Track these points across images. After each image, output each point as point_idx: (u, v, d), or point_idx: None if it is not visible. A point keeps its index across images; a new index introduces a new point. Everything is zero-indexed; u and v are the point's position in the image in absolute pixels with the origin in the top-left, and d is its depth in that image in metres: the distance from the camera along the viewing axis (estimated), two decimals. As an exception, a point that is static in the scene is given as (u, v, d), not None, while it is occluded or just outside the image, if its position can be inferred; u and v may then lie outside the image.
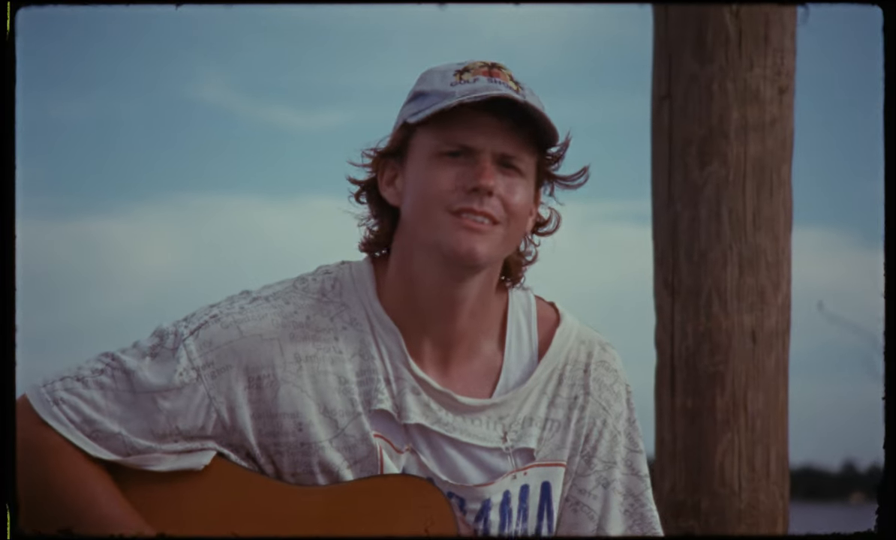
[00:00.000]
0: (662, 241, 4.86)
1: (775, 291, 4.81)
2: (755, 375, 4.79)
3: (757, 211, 4.77)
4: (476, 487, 2.84)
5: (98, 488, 2.80)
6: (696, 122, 4.77)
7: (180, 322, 2.85)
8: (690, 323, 4.79)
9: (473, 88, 2.73)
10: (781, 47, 4.78)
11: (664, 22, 4.85)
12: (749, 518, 4.75)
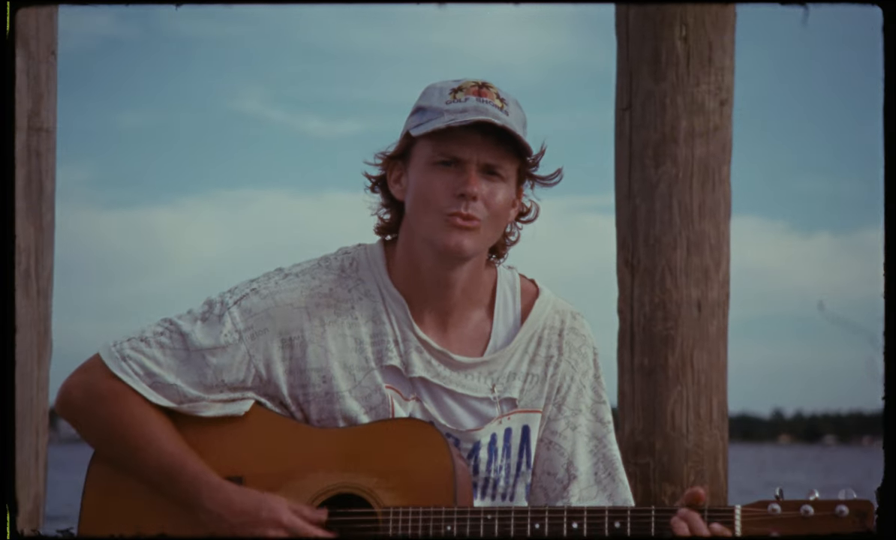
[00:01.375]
0: (623, 228, 4.85)
1: (717, 269, 4.80)
2: (700, 338, 4.78)
3: (702, 203, 4.76)
4: (469, 430, 2.83)
5: (157, 428, 2.80)
6: (652, 130, 4.76)
7: (225, 293, 2.85)
8: (647, 295, 4.78)
9: (464, 108, 2.73)
10: (723, 67, 4.77)
11: (626, 47, 4.84)
12: (695, 456, 4.74)
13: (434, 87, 2.82)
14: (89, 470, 2.85)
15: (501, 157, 2.77)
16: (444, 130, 2.73)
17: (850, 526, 2.62)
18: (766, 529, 2.63)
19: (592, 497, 2.85)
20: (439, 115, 2.75)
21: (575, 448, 2.89)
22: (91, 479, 2.84)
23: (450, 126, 2.72)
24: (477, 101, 2.75)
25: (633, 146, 4.81)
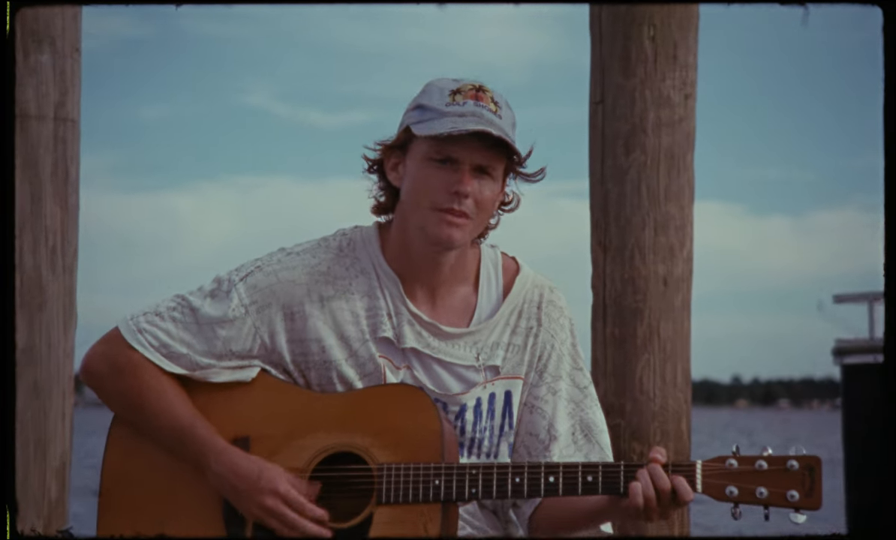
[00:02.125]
0: (596, 211, 4.85)
1: (681, 248, 4.80)
2: (666, 310, 4.78)
3: (667, 188, 4.76)
4: (456, 395, 2.83)
5: (170, 396, 2.79)
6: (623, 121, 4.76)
7: (233, 271, 2.85)
8: (618, 272, 4.78)
9: (463, 112, 2.72)
10: (686, 64, 4.77)
11: (598, 46, 4.83)
12: (661, 417, 4.75)
13: (434, 86, 2.80)
14: (110, 431, 2.85)
15: (492, 159, 2.76)
16: (447, 136, 2.71)
17: (800, 479, 2.63)
18: (723, 482, 2.64)
19: (570, 455, 2.85)
20: (440, 117, 2.73)
21: (555, 411, 2.89)
22: (112, 439, 2.84)
23: (452, 133, 2.70)
24: (475, 105, 2.74)
25: (605, 136, 4.80)
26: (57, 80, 2.18)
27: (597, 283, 4.85)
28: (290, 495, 2.70)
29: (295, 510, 2.70)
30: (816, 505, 2.62)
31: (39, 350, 2.17)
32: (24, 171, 2.16)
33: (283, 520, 2.70)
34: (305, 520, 2.70)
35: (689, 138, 4.81)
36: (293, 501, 2.70)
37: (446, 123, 2.71)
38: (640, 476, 2.63)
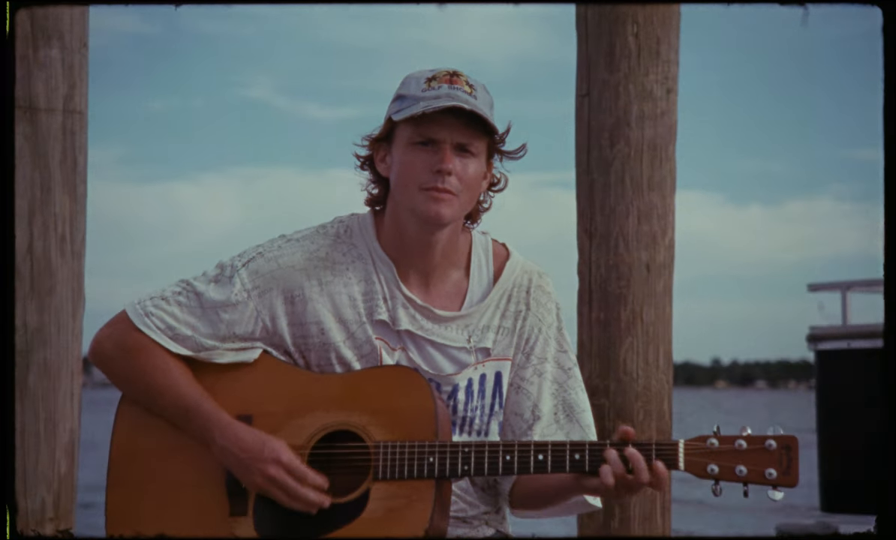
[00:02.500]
0: (583, 200, 4.85)
1: (663, 235, 4.81)
2: (648, 295, 4.78)
3: (650, 178, 4.76)
4: (448, 375, 2.83)
5: (176, 375, 2.79)
6: (608, 114, 4.76)
7: (235, 257, 2.85)
8: (603, 258, 4.78)
9: (437, 95, 2.73)
10: (669, 59, 4.77)
11: (585, 42, 4.83)
12: (644, 397, 4.75)
13: (411, 77, 2.81)
14: (118, 409, 2.85)
15: (471, 136, 2.76)
16: (421, 115, 2.73)
17: (778, 458, 2.63)
18: (705, 460, 2.64)
19: (552, 434, 2.85)
20: (416, 102, 2.74)
21: (540, 392, 2.89)
22: (120, 417, 2.84)
23: (425, 112, 2.72)
24: (449, 88, 2.75)
25: (591, 129, 4.80)
26: (65, 74, 2.17)
27: (583, 269, 4.86)
28: (293, 465, 2.70)
29: (297, 479, 2.70)
30: (793, 482, 2.62)
31: (49, 332, 2.17)
32: (34, 161, 2.16)
33: (286, 488, 2.70)
34: (307, 488, 2.70)
35: (670, 131, 4.81)
36: (295, 469, 2.70)
37: (422, 105, 2.72)
38: (608, 456, 2.63)
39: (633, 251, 4.76)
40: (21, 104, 2.14)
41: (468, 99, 2.73)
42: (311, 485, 2.71)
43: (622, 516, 4.75)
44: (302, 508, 2.70)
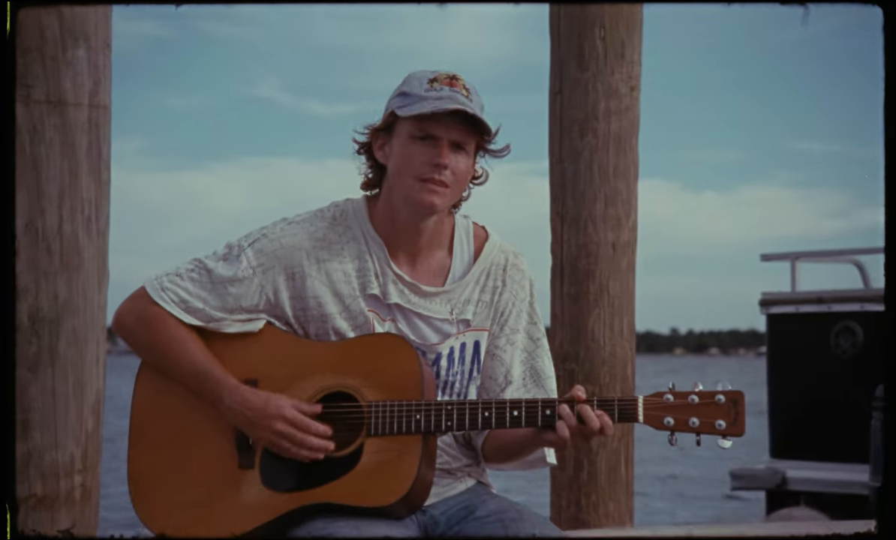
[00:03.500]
0: (555, 186, 4.85)
1: (627, 218, 4.81)
2: (614, 271, 4.79)
3: (616, 167, 4.77)
4: (433, 344, 2.82)
5: (189, 344, 2.78)
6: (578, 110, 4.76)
7: (242, 238, 2.84)
8: (573, 238, 4.79)
9: (440, 96, 2.71)
10: (632, 60, 4.77)
11: (557, 44, 4.83)
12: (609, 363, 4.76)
13: (413, 76, 2.79)
14: (138, 374, 2.84)
15: (466, 135, 2.75)
16: (428, 115, 2.71)
17: (726, 410, 2.64)
18: (661, 413, 2.65)
19: (520, 397, 2.85)
20: (420, 101, 2.72)
21: (512, 359, 2.89)
22: (140, 381, 2.83)
23: (433, 112, 2.70)
24: (450, 90, 2.73)
25: (562, 122, 4.80)
26: (91, 71, 2.16)
27: (555, 248, 4.86)
28: (297, 417, 2.70)
29: (301, 430, 2.70)
30: (740, 432, 2.63)
31: (77, 303, 2.16)
32: (63, 150, 2.15)
33: (292, 439, 2.69)
34: (311, 436, 2.70)
35: (634, 125, 4.82)
36: (299, 422, 2.70)
37: (427, 105, 2.71)
38: (561, 411, 2.63)
39: (601, 232, 4.77)
40: (51, 99, 2.13)
41: (466, 102, 2.72)
42: (314, 433, 2.71)
43: (590, 469, 4.76)
44: (308, 455, 2.70)
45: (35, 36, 2.11)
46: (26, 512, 2.08)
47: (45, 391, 2.10)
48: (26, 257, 2.11)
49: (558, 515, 4.79)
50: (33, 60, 2.11)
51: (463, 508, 2.80)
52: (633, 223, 4.84)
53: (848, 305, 7.66)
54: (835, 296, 7.79)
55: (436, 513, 2.80)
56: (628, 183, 4.81)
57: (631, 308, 4.84)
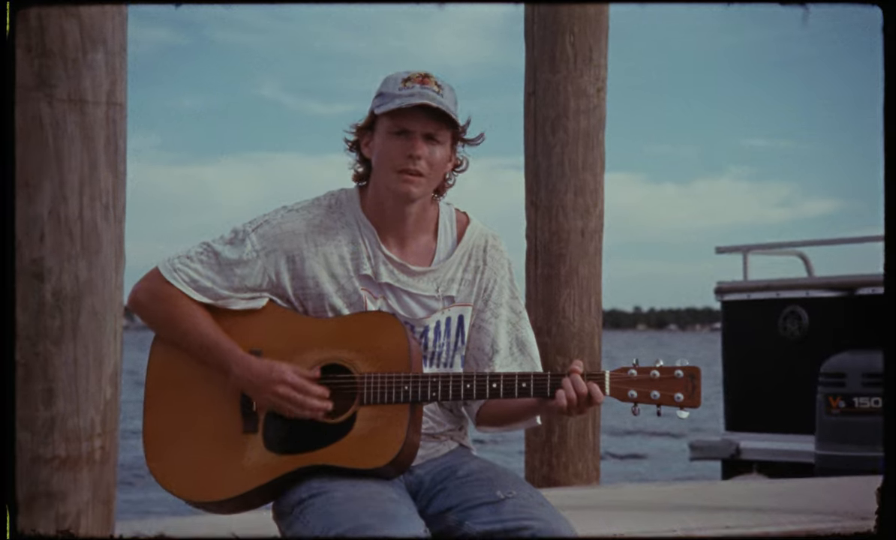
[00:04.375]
0: (530, 178, 4.86)
1: (594, 207, 4.83)
2: (583, 255, 4.80)
3: (584, 161, 4.78)
4: (420, 319, 2.83)
5: (199, 319, 2.78)
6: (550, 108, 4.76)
7: (247, 223, 2.83)
8: (546, 225, 4.80)
9: (411, 93, 2.71)
10: (599, 64, 4.78)
11: (532, 49, 4.83)
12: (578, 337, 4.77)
13: (390, 78, 2.80)
14: (152, 348, 2.83)
15: (437, 128, 2.75)
16: (397, 110, 2.72)
17: (684, 384, 2.65)
18: (626, 387, 2.66)
19: (508, 365, 2.85)
20: (393, 99, 2.73)
21: (497, 330, 2.89)
22: (153, 354, 2.82)
23: (400, 107, 2.71)
24: (421, 88, 2.73)
25: (536, 120, 4.81)
26: (108, 72, 2.16)
27: (530, 234, 4.88)
28: (297, 381, 2.70)
29: (301, 392, 2.70)
30: (697, 404, 2.64)
31: (96, 283, 2.15)
32: (84, 144, 2.14)
33: (293, 401, 2.70)
34: (310, 397, 2.70)
35: (601, 122, 4.83)
36: (299, 384, 2.70)
37: (397, 101, 2.71)
38: (564, 384, 2.64)
39: (571, 220, 4.78)
40: (72, 98, 2.13)
41: (435, 97, 2.72)
42: (313, 395, 2.71)
43: (560, 433, 4.78)
44: (308, 414, 2.70)
45: (58, 41, 2.10)
46: (51, 472, 2.08)
47: (67, 363, 2.09)
48: (50, 241, 2.11)
49: (532, 473, 4.81)
50: (56, 63, 2.10)
51: (446, 468, 2.81)
52: (600, 212, 4.85)
53: (794, 292, 7.70)
54: (782, 284, 7.84)
55: (421, 473, 2.81)
56: (595, 175, 4.82)
57: (598, 288, 4.86)
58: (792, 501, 3.83)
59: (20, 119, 2.08)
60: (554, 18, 4.76)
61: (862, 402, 6.41)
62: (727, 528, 3.03)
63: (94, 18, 2.12)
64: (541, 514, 2.59)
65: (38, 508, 2.08)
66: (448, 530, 2.67)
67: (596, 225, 4.83)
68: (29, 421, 2.08)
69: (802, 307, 7.61)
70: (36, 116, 2.09)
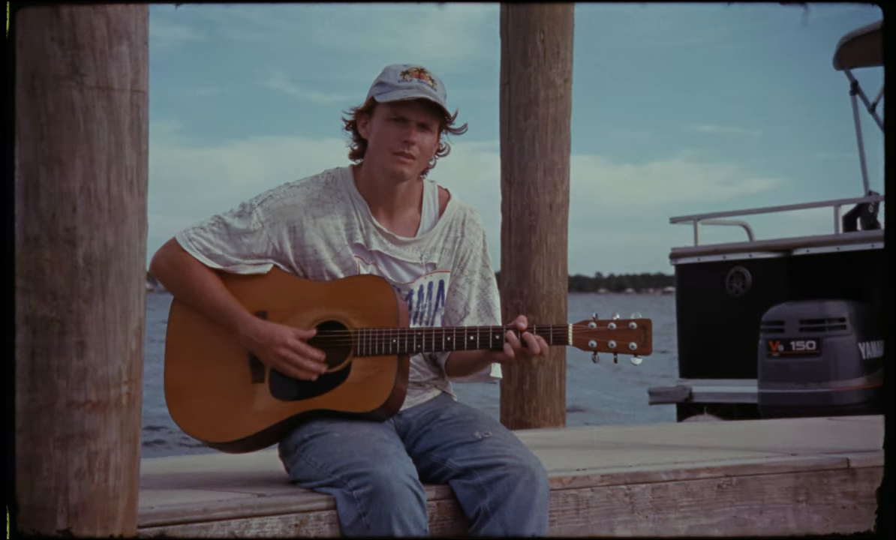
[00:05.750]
0: (505, 158, 4.85)
1: (562, 184, 4.83)
2: (551, 226, 4.81)
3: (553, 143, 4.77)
4: (406, 283, 2.83)
5: (211, 284, 2.77)
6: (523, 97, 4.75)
7: (253, 198, 2.82)
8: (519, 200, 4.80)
9: (410, 86, 2.70)
10: (565, 58, 4.77)
11: (506, 45, 4.82)
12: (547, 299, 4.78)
13: (390, 69, 2.78)
14: (171, 308, 2.83)
15: (430, 118, 2.75)
16: (399, 101, 2.71)
17: (637, 334, 2.66)
18: (587, 337, 2.67)
19: (475, 324, 2.87)
20: (394, 90, 2.71)
21: (469, 295, 2.90)
22: (172, 313, 2.82)
23: (403, 99, 2.70)
24: (418, 82, 2.72)
25: (511, 108, 4.80)
26: (132, 63, 2.15)
27: (504, 207, 4.87)
28: (297, 345, 2.71)
29: (299, 355, 2.71)
30: (649, 352, 2.66)
31: (122, 249, 2.15)
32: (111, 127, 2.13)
33: (292, 362, 2.71)
34: (307, 360, 2.71)
35: (567, 110, 4.83)
36: (298, 348, 2.71)
37: (399, 93, 2.70)
38: (508, 336, 2.65)
39: (540, 195, 4.78)
40: (100, 85, 2.12)
41: (431, 91, 2.71)
42: (310, 358, 2.72)
43: (531, 382, 4.80)
44: (305, 375, 2.71)
45: (87, 35, 2.10)
46: (84, 415, 2.08)
47: (97, 319, 2.10)
48: (82, 212, 2.10)
49: (506, 417, 4.84)
50: (86, 55, 2.10)
51: (430, 412, 2.83)
52: (567, 188, 4.85)
53: (738, 254, 7.76)
54: (728, 248, 7.89)
55: (409, 416, 2.82)
56: (563, 156, 4.82)
57: (564, 256, 4.87)
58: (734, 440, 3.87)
59: (53, 105, 2.07)
60: (526, 18, 4.75)
61: (798, 345, 6.49)
62: (676, 463, 3.06)
63: (119, 15, 2.11)
64: (513, 452, 2.61)
65: (73, 446, 2.09)
66: (432, 466, 2.69)
67: (563, 200, 4.84)
68: (64, 370, 2.08)
69: (746, 268, 7.67)
70: (68, 102, 2.08)
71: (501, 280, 4.76)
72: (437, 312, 2.88)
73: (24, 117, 2.08)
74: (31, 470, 2.08)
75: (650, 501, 2.90)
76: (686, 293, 8.08)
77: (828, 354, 6.40)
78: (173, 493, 2.59)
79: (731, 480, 3.03)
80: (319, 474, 2.58)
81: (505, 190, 4.86)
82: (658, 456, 3.27)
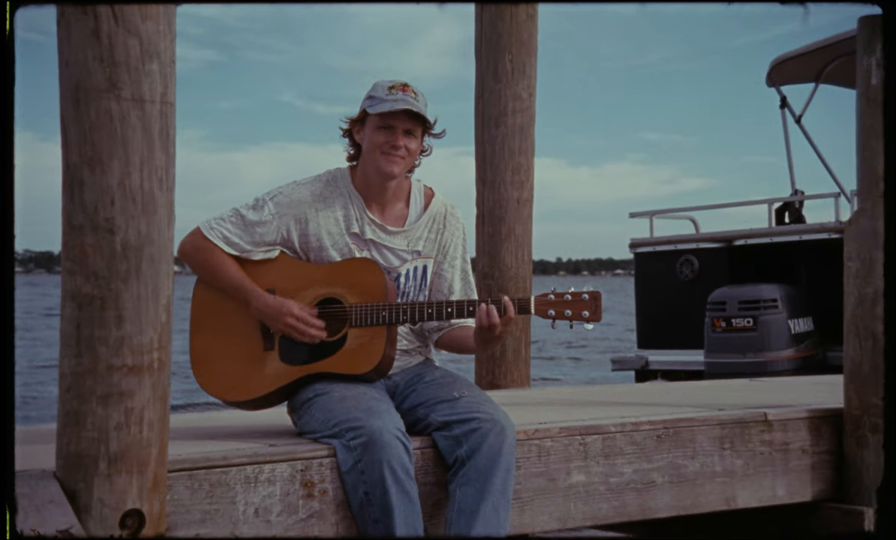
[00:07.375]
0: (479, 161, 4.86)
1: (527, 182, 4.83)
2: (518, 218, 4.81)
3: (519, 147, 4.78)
4: (395, 266, 2.84)
5: (228, 266, 2.78)
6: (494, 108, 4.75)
7: (265, 194, 2.82)
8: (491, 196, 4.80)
9: (396, 98, 2.71)
10: (530, 75, 4.77)
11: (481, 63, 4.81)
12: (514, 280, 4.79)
13: (378, 84, 2.79)
14: (195, 287, 2.83)
15: (414, 125, 2.76)
16: (387, 112, 2.72)
17: (589, 304, 2.68)
18: (546, 307, 2.69)
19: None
20: (382, 102, 2.73)
21: (453, 277, 2.92)
22: (196, 291, 2.83)
23: (390, 111, 2.71)
24: (403, 95, 2.73)
25: (484, 117, 4.80)
26: (161, 79, 2.15)
27: (479, 202, 4.88)
28: (301, 315, 2.72)
29: (303, 323, 2.72)
30: (599, 319, 2.67)
31: (153, 236, 2.15)
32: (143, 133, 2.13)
33: (298, 329, 2.71)
34: (311, 328, 2.72)
35: (532, 119, 4.82)
36: (302, 318, 2.72)
37: (386, 105, 2.71)
38: (478, 309, 2.66)
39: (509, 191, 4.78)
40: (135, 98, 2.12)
41: (414, 103, 2.72)
42: (313, 325, 2.73)
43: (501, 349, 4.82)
44: (308, 340, 2.72)
45: (123, 54, 2.10)
46: (121, 377, 2.09)
47: (132, 297, 2.10)
48: (119, 205, 2.11)
49: (480, 379, 4.86)
50: (122, 71, 2.10)
51: (416, 375, 2.84)
52: (531, 186, 4.86)
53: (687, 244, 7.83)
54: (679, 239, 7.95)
55: (397, 378, 2.84)
56: (528, 159, 4.82)
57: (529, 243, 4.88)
58: (671, 398, 3.91)
59: (94, 114, 2.07)
60: (497, 42, 4.75)
61: (738, 322, 6.58)
62: (622, 417, 3.09)
63: (150, 38, 2.11)
64: (486, 408, 2.63)
65: (112, 403, 2.10)
66: (417, 421, 2.71)
67: (528, 196, 4.85)
68: (105, 339, 2.09)
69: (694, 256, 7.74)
70: (107, 111, 2.08)
71: (476, 264, 4.78)
72: (421, 292, 2.90)
73: (70, 124, 2.09)
74: (77, 423, 2.09)
75: (601, 449, 2.93)
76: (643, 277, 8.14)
77: (762, 330, 6.48)
78: (197, 443, 2.61)
79: (668, 431, 3.06)
80: (322, 427, 2.59)
81: (479, 187, 4.87)
82: (608, 411, 3.30)
